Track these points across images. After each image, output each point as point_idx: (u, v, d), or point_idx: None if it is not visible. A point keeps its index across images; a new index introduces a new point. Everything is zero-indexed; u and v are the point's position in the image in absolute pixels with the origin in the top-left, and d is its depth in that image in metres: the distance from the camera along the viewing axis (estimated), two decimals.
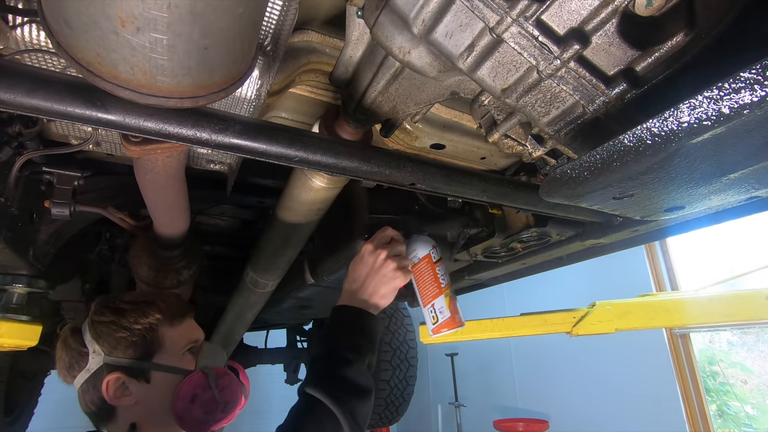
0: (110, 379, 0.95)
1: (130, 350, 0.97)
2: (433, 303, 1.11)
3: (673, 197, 0.74)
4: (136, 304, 1.03)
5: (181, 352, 1.04)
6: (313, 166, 0.92)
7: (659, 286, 4.25)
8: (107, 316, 0.99)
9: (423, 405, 6.82)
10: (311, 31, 1.04)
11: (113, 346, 0.97)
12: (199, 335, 1.10)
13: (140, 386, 0.97)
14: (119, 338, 0.97)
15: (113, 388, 0.95)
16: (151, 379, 0.98)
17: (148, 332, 0.99)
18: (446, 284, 1.13)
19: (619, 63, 0.64)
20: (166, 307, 1.04)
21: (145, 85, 0.60)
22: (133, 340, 0.97)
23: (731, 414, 3.89)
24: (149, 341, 0.99)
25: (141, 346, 0.98)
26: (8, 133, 1.07)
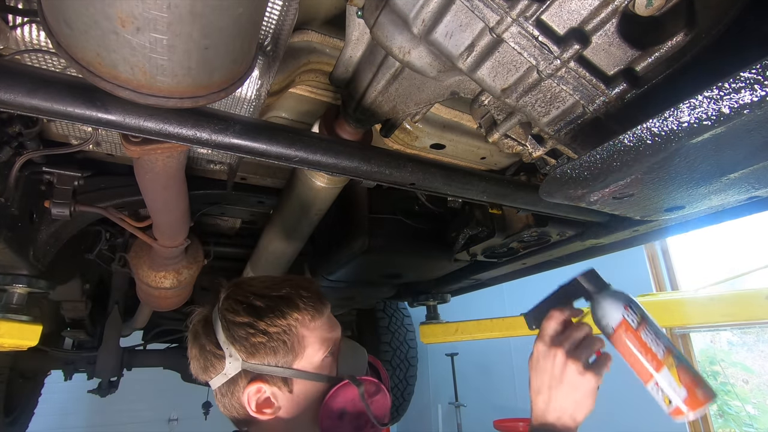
0: (251, 390, 0.84)
1: (270, 356, 0.85)
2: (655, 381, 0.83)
3: (673, 197, 0.74)
4: (271, 300, 0.89)
5: (323, 355, 0.90)
6: (313, 166, 0.92)
7: (659, 286, 4.24)
8: (242, 317, 0.87)
9: (423, 405, 6.81)
10: (311, 31, 1.04)
11: (251, 352, 0.85)
12: (337, 332, 0.96)
13: (283, 396, 0.86)
14: (257, 343, 0.85)
15: (255, 400, 0.85)
16: (294, 389, 0.86)
17: (287, 335, 0.86)
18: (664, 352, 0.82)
19: (619, 63, 0.64)
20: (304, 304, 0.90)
21: (145, 85, 0.60)
22: (273, 345, 0.85)
23: (732, 414, 3.89)
24: (289, 346, 0.86)
25: (281, 351, 0.86)
26: (8, 133, 1.07)
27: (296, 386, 0.87)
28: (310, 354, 0.88)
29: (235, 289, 0.92)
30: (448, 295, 2.56)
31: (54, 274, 1.60)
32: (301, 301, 0.89)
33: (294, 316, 0.88)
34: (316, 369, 0.89)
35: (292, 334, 0.87)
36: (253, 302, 0.88)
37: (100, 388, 3.23)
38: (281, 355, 0.86)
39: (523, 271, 2.02)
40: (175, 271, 1.88)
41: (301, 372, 0.87)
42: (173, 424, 6.78)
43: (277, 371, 0.85)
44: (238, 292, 0.91)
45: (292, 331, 0.87)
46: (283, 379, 0.86)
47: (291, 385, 0.86)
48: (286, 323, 0.87)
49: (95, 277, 2.65)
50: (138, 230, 1.55)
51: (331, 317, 0.96)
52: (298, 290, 0.91)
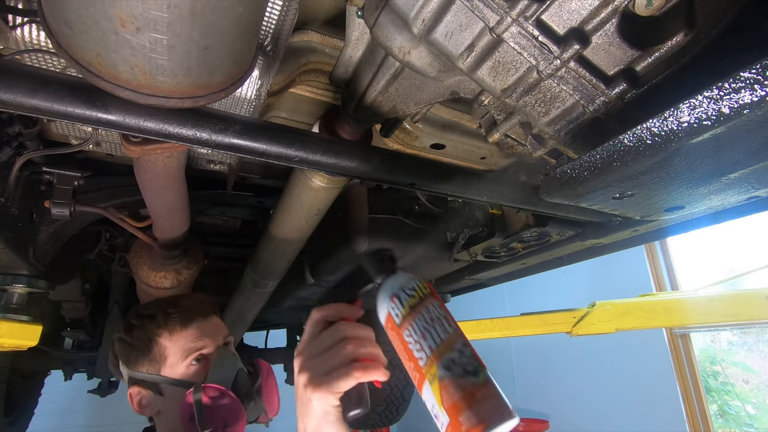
0: (133, 392, 1.05)
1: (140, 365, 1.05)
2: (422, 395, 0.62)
3: (673, 197, 0.74)
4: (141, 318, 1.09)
5: (187, 363, 1.04)
6: (313, 166, 0.92)
7: (659, 286, 4.24)
8: (121, 333, 1.10)
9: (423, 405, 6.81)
10: (311, 31, 1.04)
11: (129, 362, 1.06)
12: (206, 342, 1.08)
13: (156, 399, 1.03)
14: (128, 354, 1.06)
15: (135, 401, 1.05)
16: (164, 393, 1.03)
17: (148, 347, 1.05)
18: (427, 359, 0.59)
19: (619, 63, 0.64)
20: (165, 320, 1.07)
21: (145, 85, 0.60)
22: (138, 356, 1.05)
23: (732, 414, 3.89)
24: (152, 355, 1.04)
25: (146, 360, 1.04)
26: (8, 133, 1.07)
27: (165, 391, 1.03)
28: (173, 362, 1.04)
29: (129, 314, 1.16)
30: (448, 295, 2.55)
31: (54, 274, 1.60)
32: (162, 319, 1.07)
33: (155, 331, 1.06)
34: (180, 376, 1.03)
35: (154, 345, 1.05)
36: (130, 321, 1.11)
37: (100, 388, 3.23)
38: (148, 364, 1.04)
39: (523, 271, 2.02)
40: (175, 271, 1.88)
41: (166, 378, 1.03)
42: None
43: (147, 377, 1.04)
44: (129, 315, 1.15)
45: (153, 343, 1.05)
46: (153, 383, 1.03)
47: (160, 389, 1.03)
48: (147, 336, 1.05)
49: (95, 277, 2.65)
50: (138, 230, 1.55)
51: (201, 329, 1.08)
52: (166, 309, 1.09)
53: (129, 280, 2.94)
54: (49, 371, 3.40)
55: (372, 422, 3.77)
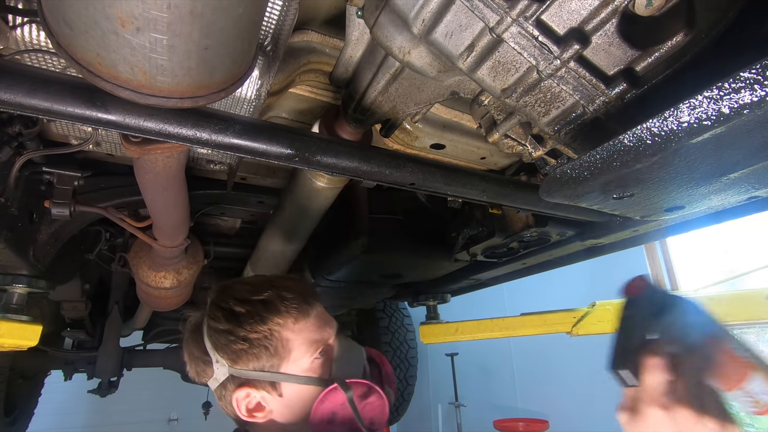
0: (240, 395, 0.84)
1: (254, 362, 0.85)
2: None
3: (673, 197, 0.74)
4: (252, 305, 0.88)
5: (311, 357, 0.88)
6: (313, 166, 0.92)
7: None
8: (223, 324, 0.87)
9: (423, 405, 6.81)
10: (311, 31, 1.04)
11: (233, 359, 0.85)
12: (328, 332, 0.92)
13: (273, 400, 0.85)
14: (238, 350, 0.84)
15: (244, 405, 0.84)
16: (283, 393, 0.85)
17: (269, 340, 0.85)
18: None
19: (619, 63, 0.64)
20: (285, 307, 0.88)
21: (145, 85, 0.60)
22: (254, 351, 0.85)
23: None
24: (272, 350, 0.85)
25: (264, 356, 0.85)
26: (8, 133, 1.07)
27: (286, 390, 0.85)
28: (297, 357, 0.86)
29: (218, 295, 0.92)
30: (448, 295, 2.56)
31: (54, 274, 1.60)
32: (282, 305, 0.88)
33: (275, 321, 0.86)
34: (305, 372, 0.87)
35: (275, 338, 0.85)
36: (233, 308, 0.87)
37: (100, 388, 3.23)
38: (265, 359, 0.85)
39: (523, 271, 2.02)
40: (175, 271, 1.88)
41: (289, 375, 0.85)
42: (173, 424, 6.78)
43: (263, 375, 0.84)
44: (221, 298, 0.91)
45: (275, 336, 0.85)
46: (271, 383, 0.85)
47: (280, 389, 0.85)
48: (267, 328, 0.85)
49: (95, 277, 2.65)
50: (138, 230, 1.55)
51: (320, 317, 0.93)
52: (281, 292, 0.89)
53: (129, 280, 2.94)
54: (49, 371, 3.40)
55: None
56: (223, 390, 0.87)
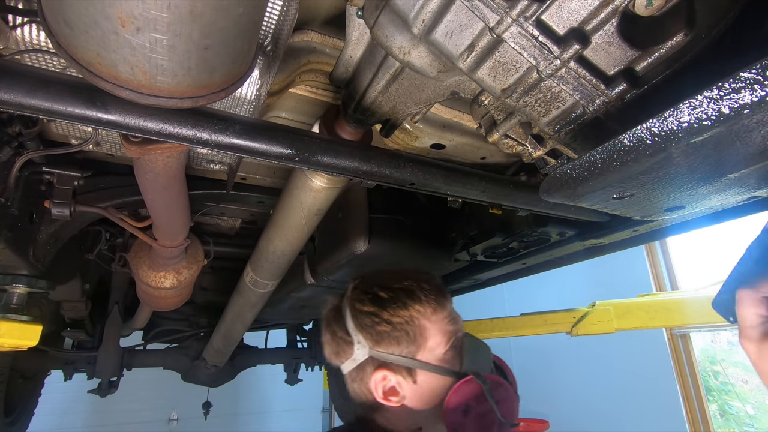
0: (378, 377, 0.88)
1: (394, 346, 0.88)
2: None
3: (673, 197, 0.74)
4: (394, 291, 0.93)
5: (445, 348, 0.91)
6: (313, 166, 0.92)
7: (659, 286, 4.24)
8: (368, 306, 0.91)
9: None
10: (311, 31, 1.04)
11: (376, 340, 0.89)
12: (459, 327, 0.96)
13: (407, 386, 0.88)
14: (382, 332, 0.89)
15: (381, 387, 0.88)
16: (417, 379, 0.88)
17: (409, 326, 0.89)
18: None
19: (619, 63, 0.64)
20: (425, 296, 0.92)
21: (145, 85, 0.60)
22: (396, 335, 0.88)
23: (732, 414, 3.89)
24: (412, 336, 0.89)
25: (404, 341, 0.89)
26: (8, 133, 1.07)
27: (420, 377, 0.88)
28: (433, 346, 0.90)
29: (361, 282, 0.98)
30: None
31: (54, 274, 1.60)
32: (422, 294, 0.92)
33: (415, 308, 0.90)
34: (438, 362, 0.89)
35: (414, 324, 0.89)
36: (377, 293, 0.92)
37: (100, 388, 3.23)
38: (404, 344, 0.88)
39: (523, 271, 2.02)
40: (175, 271, 1.88)
41: (424, 363, 0.88)
42: (173, 424, 6.78)
43: (401, 360, 0.88)
44: (364, 284, 0.96)
45: (414, 322, 0.89)
46: (407, 369, 0.88)
47: (414, 375, 0.88)
48: (408, 314, 0.89)
49: (95, 277, 2.65)
50: (138, 230, 1.55)
51: (453, 312, 0.97)
52: (420, 283, 0.94)
53: (129, 280, 2.94)
54: (49, 371, 3.40)
55: None
56: (361, 371, 0.90)
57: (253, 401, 7.44)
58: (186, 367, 3.55)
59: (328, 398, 6.66)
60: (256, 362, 3.92)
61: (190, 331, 3.53)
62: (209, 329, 3.25)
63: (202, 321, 3.50)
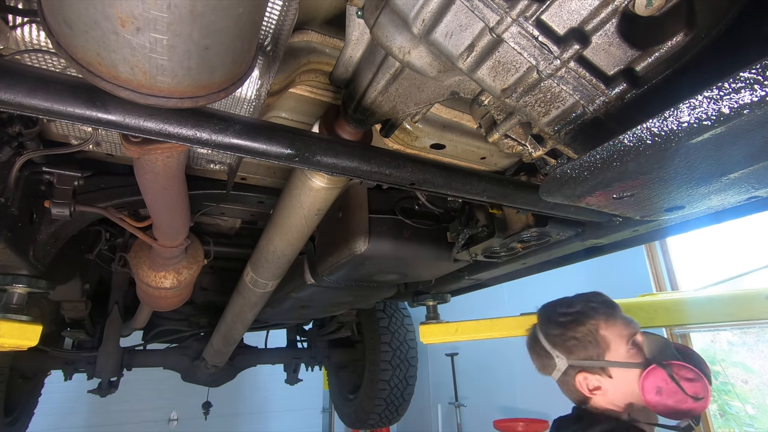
0: (579, 379, 1.17)
1: (583, 354, 1.17)
2: None
3: (673, 197, 0.74)
4: (571, 315, 1.22)
5: (626, 347, 1.16)
6: (313, 166, 0.92)
7: (659, 286, 4.24)
8: (555, 330, 1.22)
9: (423, 405, 6.81)
10: (311, 31, 1.04)
11: (570, 352, 1.18)
12: (634, 329, 1.20)
13: (605, 381, 1.15)
14: (571, 346, 1.18)
15: (585, 385, 1.16)
16: (612, 375, 1.14)
17: (591, 336, 1.17)
18: None
19: (619, 63, 0.64)
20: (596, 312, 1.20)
21: (145, 85, 0.60)
22: (582, 346, 1.17)
23: (732, 414, 3.89)
24: (595, 344, 1.16)
25: (591, 348, 1.16)
26: (8, 133, 1.07)
27: (613, 372, 1.15)
28: (615, 348, 1.16)
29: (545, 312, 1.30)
30: (448, 295, 2.55)
31: (54, 274, 1.60)
32: (593, 311, 1.21)
33: (590, 323, 1.18)
34: (624, 358, 1.15)
35: (594, 335, 1.17)
36: (558, 319, 1.23)
37: (100, 388, 3.23)
38: (591, 351, 1.16)
39: (523, 271, 2.02)
40: (175, 271, 1.88)
41: (612, 362, 1.15)
42: (173, 424, 6.79)
43: (593, 363, 1.16)
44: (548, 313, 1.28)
45: (593, 333, 1.17)
46: (601, 368, 1.16)
47: (608, 372, 1.15)
48: (587, 328, 1.18)
49: (95, 277, 2.65)
50: (138, 230, 1.55)
51: (625, 317, 1.22)
52: (589, 303, 1.23)
53: (129, 280, 2.94)
54: (49, 371, 3.40)
55: (372, 422, 3.77)
56: (565, 377, 1.20)
57: (253, 401, 7.44)
58: (186, 367, 3.55)
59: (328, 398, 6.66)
60: (256, 362, 3.92)
61: (190, 331, 3.53)
62: (209, 329, 3.25)
63: (202, 321, 3.50)
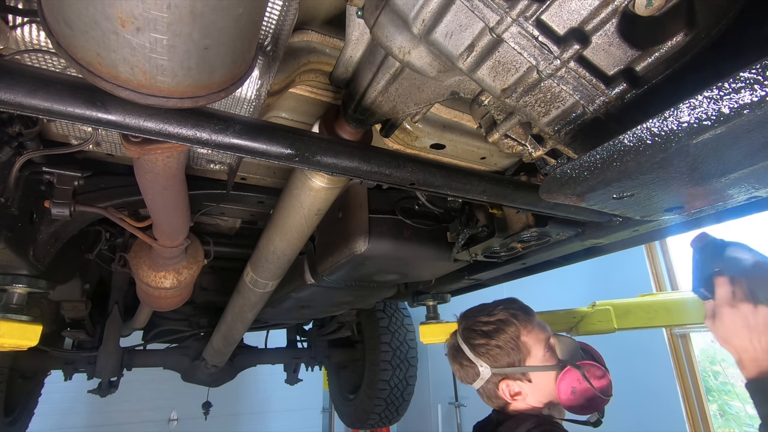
0: (503, 386, 1.21)
1: (506, 360, 1.22)
2: None
3: (673, 197, 0.74)
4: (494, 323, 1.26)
5: (543, 351, 1.23)
6: (313, 166, 0.92)
7: (659, 286, 4.24)
8: (479, 339, 1.26)
9: (423, 405, 6.81)
10: (311, 31, 1.04)
11: (493, 360, 1.23)
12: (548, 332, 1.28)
13: (525, 385, 1.21)
14: (495, 354, 1.23)
15: (508, 392, 1.21)
16: (531, 379, 1.21)
17: (512, 343, 1.22)
18: None
19: (619, 63, 0.64)
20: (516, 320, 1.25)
21: (145, 85, 0.60)
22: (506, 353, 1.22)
23: (732, 414, 3.89)
24: (516, 351, 1.22)
25: (513, 355, 1.22)
26: (8, 133, 1.07)
27: (533, 377, 1.21)
28: (534, 353, 1.23)
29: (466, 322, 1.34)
30: (448, 295, 2.55)
31: (54, 274, 1.60)
32: (514, 318, 1.26)
33: (512, 330, 1.24)
34: (541, 362, 1.22)
35: (516, 342, 1.23)
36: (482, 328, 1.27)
37: (100, 388, 3.23)
38: (513, 358, 1.22)
39: (523, 271, 2.02)
40: (175, 271, 1.88)
41: (533, 366, 1.21)
42: (173, 424, 6.79)
43: (516, 370, 1.21)
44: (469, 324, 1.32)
45: (515, 341, 1.23)
46: (522, 374, 1.21)
47: (528, 377, 1.21)
48: (509, 336, 1.23)
49: (95, 277, 2.65)
50: (138, 230, 1.55)
51: (540, 322, 1.29)
52: (508, 310, 1.28)
53: (129, 280, 2.94)
54: (49, 371, 3.40)
55: (372, 422, 3.77)
56: (488, 385, 1.25)
57: (253, 401, 7.44)
58: (186, 367, 3.55)
59: (328, 398, 6.66)
60: (256, 362, 3.92)
61: (190, 331, 3.53)
62: (209, 329, 3.25)
63: (202, 321, 3.50)
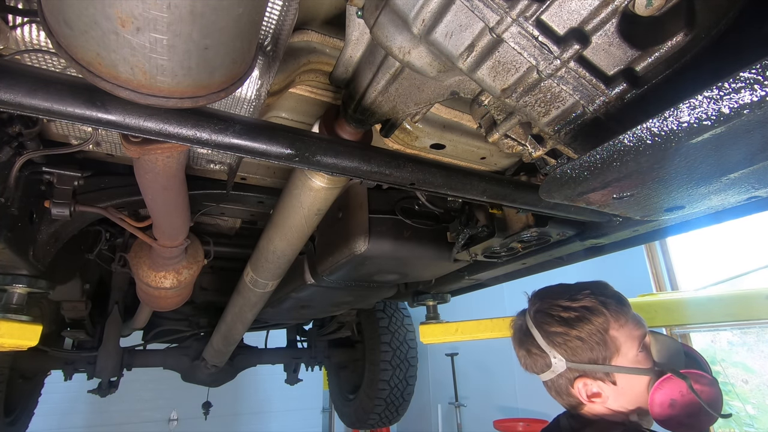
0: (579, 385, 1.01)
1: (587, 355, 1.01)
2: None
3: (673, 197, 0.74)
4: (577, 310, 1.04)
5: (636, 351, 1.01)
6: (313, 166, 0.92)
7: (659, 286, 4.24)
8: (555, 327, 1.04)
9: (423, 405, 6.81)
10: (311, 31, 1.04)
11: (571, 353, 1.02)
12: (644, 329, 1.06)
13: (608, 388, 1.00)
14: (574, 347, 1.01)
15: (584, 392, 1.01)
16: (617, 381, 1.00)
17: (599, 337, 1.00)
18: None
19: (619, 63, 0.64)
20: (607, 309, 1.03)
21: (145, 85, 0.60)
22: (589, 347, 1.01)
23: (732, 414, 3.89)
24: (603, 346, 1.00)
25: (597, 351, 1.00)
26: (8, 133, 1.07)
27: (619, 379, 0.99)
28: (625, 351, 1.00)
29: (541, 304, 1.11)
30: (448, 295, 2.55)
31: (54, 274, 1.60)
32: (604, 307, 1.03)
33: (600, 321, 1.01)
34: (632, 363, 1.00)
35: (603, 336, 1.00)
36: (561, 315, 1.05)
37: (100, 388, 3.23)
38: (598, 354, 1.00)
39: (523, 271, 2.02)
40: (175, 271, 1.88)
41: (621, 367, 1.00)
42: (173, 424, 6.79)
43: (598, 368, 1.00)
44: (545, 306, 1.09)
45: (602, 334, 1.00)
46: (605, 374, 1.00)
47: (613, 378, 1.00)
48: (595, 328, 1.00)
49: (95, 277, 2.65)
50: (138, 230, 1.55)
51: (635, 316, 1.06)
52: (597, 297, 1.04)
53: (129, 280, 2.94)
54: (49, 371, 3.40)
55: (372, 422, 3.77)
56: (560, 380, 1.04)
57: (253, 401, 7.44)
58: (186, 367, 3.55)
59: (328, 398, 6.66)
60: (256, 362, 3.92)
61: (190, 331, 3.53)
62: (209, 329, 3.25)
63: (202, 321, 3.50)
